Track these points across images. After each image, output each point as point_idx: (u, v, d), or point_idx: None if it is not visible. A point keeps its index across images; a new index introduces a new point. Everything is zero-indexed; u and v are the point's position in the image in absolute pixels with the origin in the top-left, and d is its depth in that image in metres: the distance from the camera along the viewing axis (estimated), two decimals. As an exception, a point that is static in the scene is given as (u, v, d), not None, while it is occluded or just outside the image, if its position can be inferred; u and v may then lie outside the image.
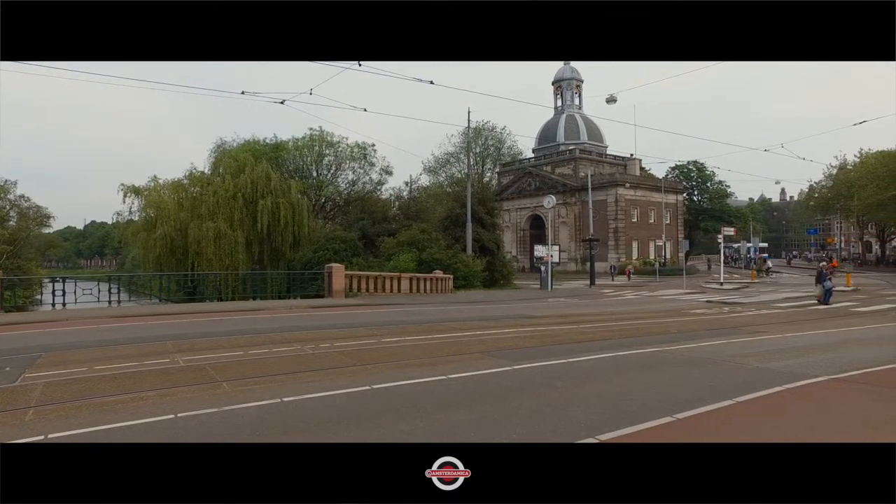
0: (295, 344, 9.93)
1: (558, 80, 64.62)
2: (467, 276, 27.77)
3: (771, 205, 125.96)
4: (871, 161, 61.34)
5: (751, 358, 8.94)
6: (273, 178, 33.11)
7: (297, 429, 5.04)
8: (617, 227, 54.31)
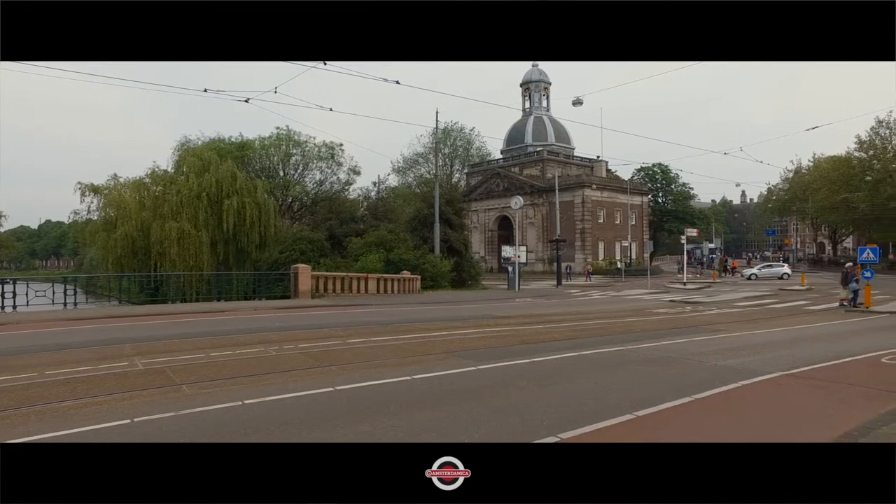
0: (259, 346, 9.80)
1: (526, 82, 65.18)
2: (435, 277, 27.80)
3: (732, 207, 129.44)
4: (823, 165, 63.70)
5: (710, 356, 9.19)
6: (239, 177, 32.58)
7: (258, 431, 4.98)
8: (584, 228, 55.05)
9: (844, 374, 7.88)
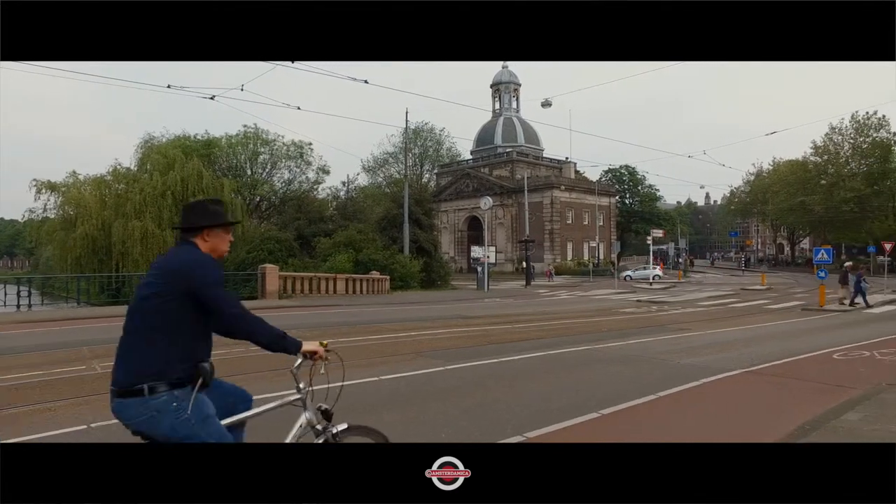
0: (223, 347, 9.54)
1: (496, 84, 65.58)
2: (404, 277, 27.74)
3: (697, 208, 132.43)
4: (782, 169, 65.87)
5: (674, 354, 9.40)
6: (205, 175, 32.03)
7: (221, 435, 4.89)
8: (552, 229, 55.66)
9: (800, 371, 8.16)
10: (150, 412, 2.34)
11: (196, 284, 2.38)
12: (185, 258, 2.49)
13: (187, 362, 2.43)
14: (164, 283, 2.41)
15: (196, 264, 2.46)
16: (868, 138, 56.29)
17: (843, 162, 57.40)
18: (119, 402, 2.40)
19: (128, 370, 2.37)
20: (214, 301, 2.42)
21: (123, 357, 2.40)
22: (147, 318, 2.39)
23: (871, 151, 55.89)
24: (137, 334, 2.41)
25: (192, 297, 2.38)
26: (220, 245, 2.67)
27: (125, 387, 2.36)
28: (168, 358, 2.36)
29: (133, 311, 2.46)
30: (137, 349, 2.39)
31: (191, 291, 2.38)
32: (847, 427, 5.00)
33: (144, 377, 2.33)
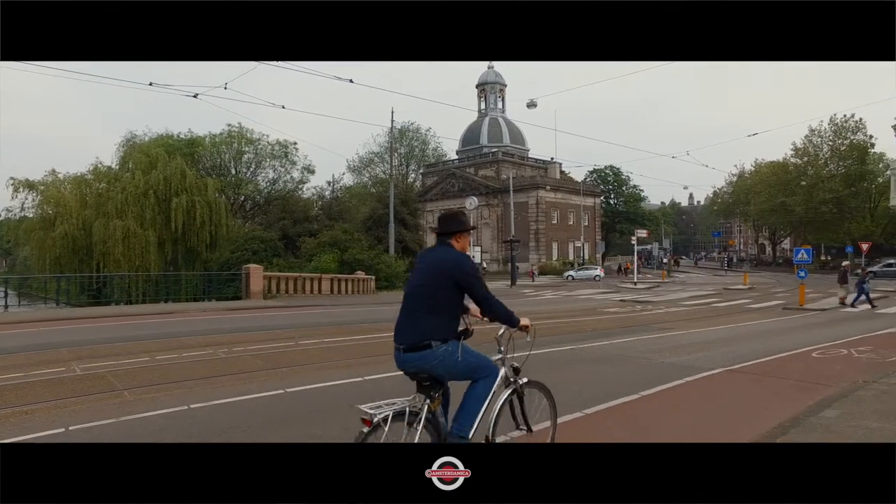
0: (207, 348, 9.54)
1: (482, 84, 65.71)
2: (390, 277, 27.69)
3: (680, 208, 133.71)
4: (764, 170, 66.76)
5: (657, 353, 9.48)
6: (188, 174, 31.65)
7: (204, 436, 4.85)
8: (538, 229, 55.87)
9: (780, 369, 8.26)
10: (436, 359, 3.32)
11: (459, 275, 3.37)
12: (451, 256, 3.46)
13: (455, 324, 3.46)
14: (437, 274, 3.40)
15: (459, 261, 3.44)
16: (846, 140, 57.27)
17: (822, 164, 58.31)
18: (407, 355, 3.37)
19: (417, 333, 3.34)
20: (471, 287, 3.42)
21: (410, 325, 3.39)
22: (426, 299, 3.37)
23: (848, 153, 56.89)
24: (420, 310, 3.37)
25: (457, 284, 3.37)
26: (466, 245, 3.59)
27: (415, 344, 3.33)
28: (445, 324, 3.39)
29: (413, 295, 3.46)
30: (422, 319, 3.36)
31: (456, 280, 3.36)
32: (825, 424, 5.08)
33: (431, 337, 3.32)
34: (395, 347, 3.42)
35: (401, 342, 3.40)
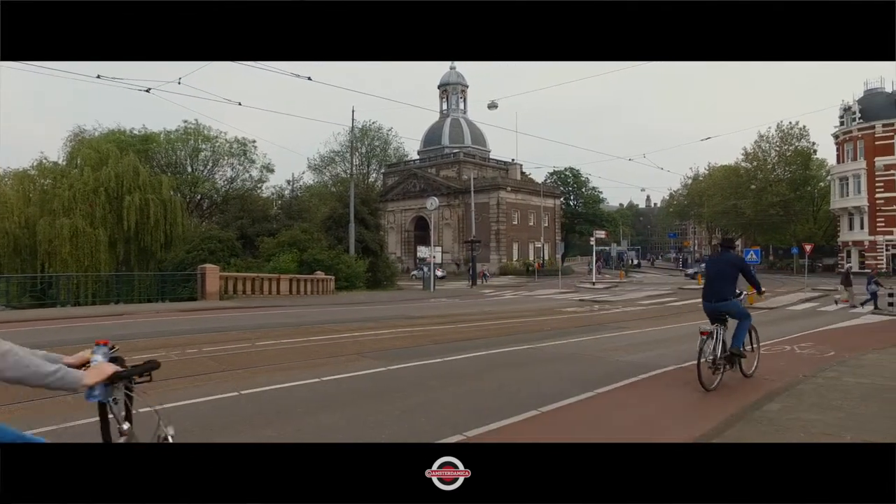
0: (159, 350, 9.25)
1: (444, 85, 65.85)
2: (350, 277, 27.46)
3: (638, 210, 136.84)
4: (717, 174, 69.14)
5: (614, 352, 9.69)
6: (142, 172, 30.60)
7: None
8: (498, 230, 56.30)
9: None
10: (732, 306, 7.11)
11: (741, 264, 7.59)
12: (734, 256, 7.81)
13: (736, 290, 7.22)
14: (732, 264, 7.25)
15: (739, 258, 8.64)
16: (791, 147, 59.94)
17: (771, 168, 60.79)
18: (716, 304, 7.09)
19: (723, 292, 7.07)
20: (746, 272, 7.46)
21: (718, 289, 7.11)
22: (726, 277, 7.10)
23: (794, 159, 59.56)
24: (723, 281, 7.09)
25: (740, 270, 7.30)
26: None
27: (722, 299, 7.06)
28: (733, 290, 7.15)
29: (716, 275, 7.20)
30: (724, 286, 7.08)
31: (740, 267, 7.33)
32: (768, 417, 5.29)
33: (729, 295, 7.10)
34: (704, 302, 7.30)
35: (710, 299, 7.17)
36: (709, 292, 7.14)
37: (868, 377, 7.30)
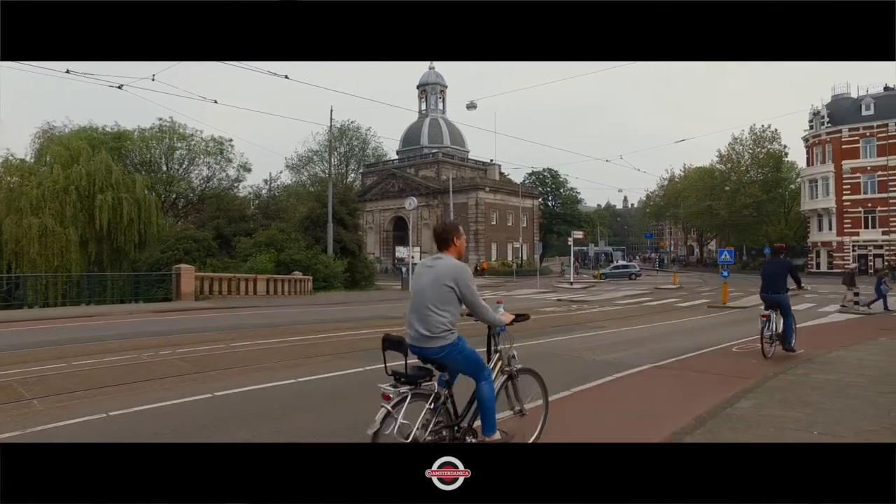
0: (131, 352, 9.10)
1: (423, 85, 65.77)
2: (328, 278, 27.26)
3: (615, 211, 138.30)
4: (692, 175, 70.29)
5: (591, 351, 9.77)
6: (115, 170, 29.97)
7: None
8: (477, 230, 56.41)
9: (702, 364, 8.71)
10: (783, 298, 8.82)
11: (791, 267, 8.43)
12: (784, 260, 8.50)
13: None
14: (782, 266, 8.64)
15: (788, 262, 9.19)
16: (764, 149, 61.26)
17: (744, 170, 62.02)
18: (771, 295, 8.90)
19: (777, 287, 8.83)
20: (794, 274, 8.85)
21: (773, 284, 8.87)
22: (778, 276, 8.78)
23: (766, 161, 60.93)
24: (777, 279, 8.69)
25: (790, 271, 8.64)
26: None
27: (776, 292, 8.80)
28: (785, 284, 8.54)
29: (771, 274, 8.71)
30: (777, 282, 8.67)
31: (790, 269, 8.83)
32: (739, 414, 5.39)
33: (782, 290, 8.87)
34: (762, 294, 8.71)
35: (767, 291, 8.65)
36: (766, 286, 9.11)
37: (834, 374, 7.49)
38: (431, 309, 3.59)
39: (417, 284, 3.75)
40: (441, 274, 3.64)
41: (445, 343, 3.61)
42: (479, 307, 3.79)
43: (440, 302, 3.59)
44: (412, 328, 3.68)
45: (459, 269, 3.69)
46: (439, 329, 3.58)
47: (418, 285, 3.73)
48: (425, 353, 3.64)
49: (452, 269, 3.67)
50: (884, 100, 50.53)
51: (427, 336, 3.61)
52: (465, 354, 3.72)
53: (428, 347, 3.62)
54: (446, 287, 3.61)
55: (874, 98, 50.94)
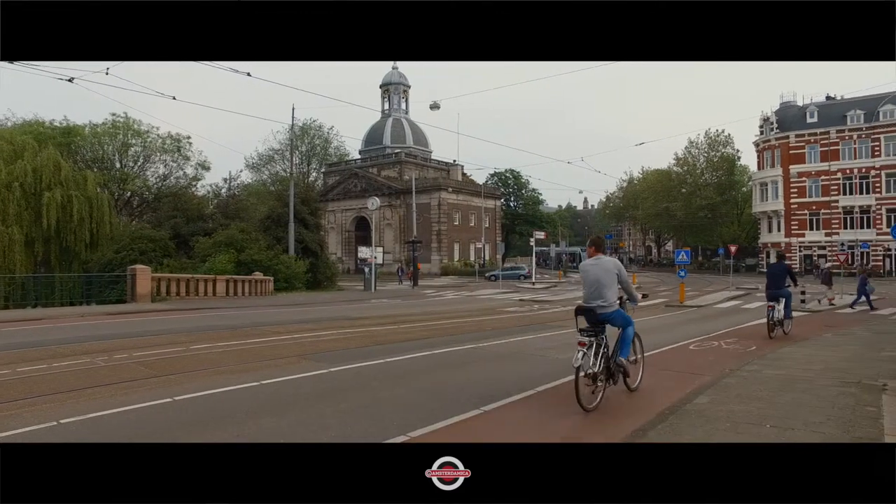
0: (83, 356, 8.76)
1: (386, 84, 65.42)
2: (289, 278, 26.87)
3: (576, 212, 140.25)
4: (650, 177, 72.10)
5: (553, 350, 9.88)
6: (64, 167, 28.78)
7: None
8: (440, 230, 56.47)
9: (662, 361, 8.91)
10: (785, 294, 11.57)
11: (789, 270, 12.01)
12: (786, 264, 12.49)
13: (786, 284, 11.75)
14: (784, 269, 11.83)
15: (788, 266, 12.23)
16: (718, 153, 63.38)
17: (699, 173, 64.00)
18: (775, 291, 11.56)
19: (779, 285, 11.55)
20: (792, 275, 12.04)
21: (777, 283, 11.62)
22: (781, 276, 11.67)
23: (720, 165, 63.11)
24: (779, 279, 11.59)
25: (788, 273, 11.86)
26: None
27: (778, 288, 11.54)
28: (785, 283, 11.65)
29: (773, 275, 11.91)
30: (779, 282, 11.53)
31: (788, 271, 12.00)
32: (698, 410, 5.57)
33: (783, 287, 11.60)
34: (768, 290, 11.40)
35: (771, 288, 11.35)
36: (771, 284, 11.74)
37: (784, 369, 7.82)
38: (605, 288, 5.78)
39: (590, 275, 5.87)
40: (607, 267, 5.88)
41: (613, 309, 5.88)
42: (630, 286, 6.21)
43: (610, 283, 5.80)
44: (593, 301, 5.82)
45: (616, 263, 6.03)
46: (610, 300, 5.84)
47: (591, 275, 5.86)
48: (603, 316, 5.82)
49: (613, 262, 6.00)
50: (825, 108, 53.20)
51: (603, 305, 5.80)
52: (621, 314, 6.03)
53: (604, 312, 5.82)
54: (612, 273, 5.83)
55: (817, 106, 53.52)
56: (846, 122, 51.46)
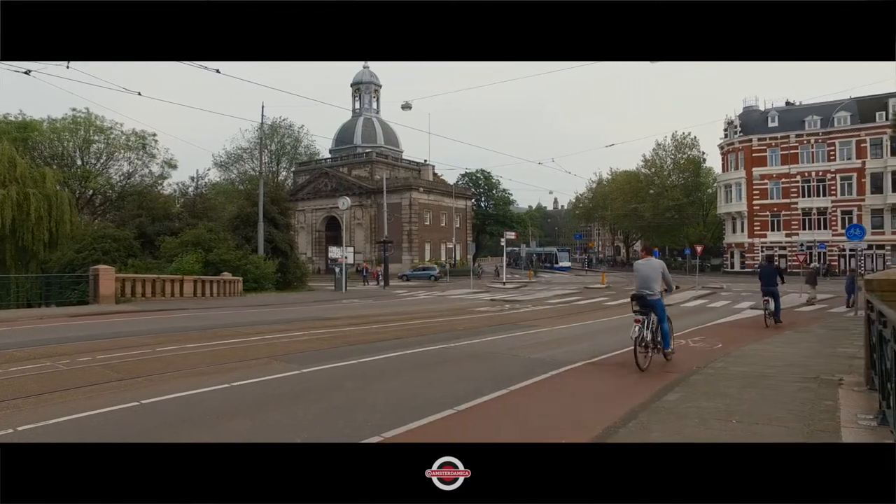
0: (43, 360, 8.47)
1: (357, 83, 65.05)
2: (258, 279, 26.48)
3: (546, 212, 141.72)
4: (619, 178, 73.32)
5: (525, 350, 9.98)
6: (20, 163, 27.76)
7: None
8: (411, 230, 56.41)
9: (632, 360, 9.04)
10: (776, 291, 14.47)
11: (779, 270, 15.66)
12: (775, 266, 16.43)
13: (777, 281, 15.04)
14: (774, 269, 15.36)
15: (778, 267, 16.70)
16: (684, 155, 64.89)
17: (667, 174, 65.44)
18: (767, 288, 14.31)
19: (770, 284, 14.36)
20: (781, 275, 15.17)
21: (768, 282, 14.30)
22: (772, 276, 14.51)
23: (686, 166, 64.64)
24: (770, 277, 14.39)
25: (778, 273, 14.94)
26: None
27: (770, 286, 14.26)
28: (775, 281, 14.50)
29: (765, 275, 14.57)
30: (771, 280, 14.34)
31: (778, 271, 15.15)
32: (667, 407, 5.69)
33: (773, 286, 14.44)
34: (762, 287, 14.25)
35: (764, 286, 14.13)
36: (764, 283, 14.29)
37: (749, 366, 8.05)
38: (652, 281, 8.11)
39: (642, 271, 8.25)
40: (654, 266, 8.28)
41: (657, 298, 8.15)
42: (670, 280, 8.55)
43: (656, 278, 8.14)
44: (644, 290, 8.14)
45: (661, 263, 8.40)
46: (655, 290, 8.13)
47: (643, 272, 8.22)
48: (650, 302, 8.05)
49: (659, 263, 8.39)
50: (785, 113, 55.03)
51: (650, 294, 8.09)
52: (661, 306, 8.24)
53: (651, 299, 8.08)
54: (658, 271, 8.19)
55: (778, 111, 55.34)
56: (804, 126, 53.26)
